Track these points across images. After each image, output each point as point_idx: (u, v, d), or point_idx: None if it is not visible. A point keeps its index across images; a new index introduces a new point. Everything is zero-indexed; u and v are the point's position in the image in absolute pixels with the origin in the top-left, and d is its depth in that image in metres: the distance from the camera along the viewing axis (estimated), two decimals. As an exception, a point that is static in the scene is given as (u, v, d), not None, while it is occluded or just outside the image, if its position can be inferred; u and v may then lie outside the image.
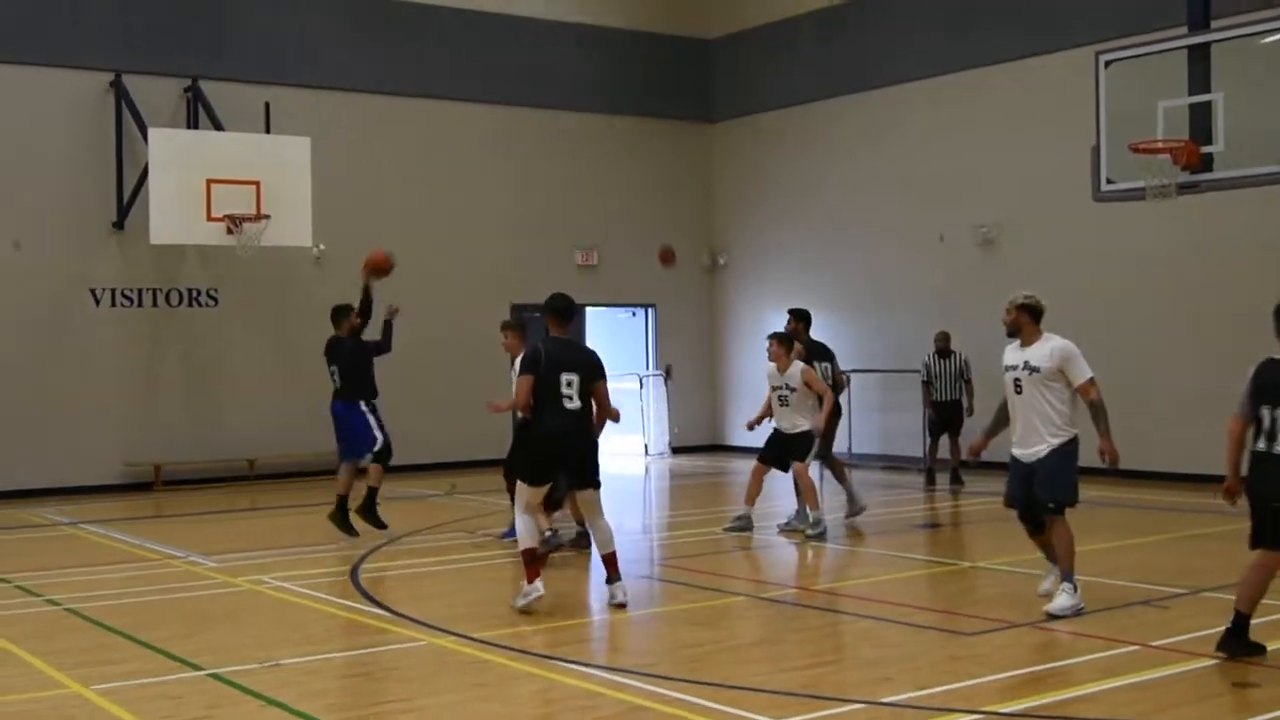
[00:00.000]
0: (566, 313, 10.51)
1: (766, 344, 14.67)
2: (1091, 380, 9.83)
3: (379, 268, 14.44)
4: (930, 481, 19.32)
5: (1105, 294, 19.54)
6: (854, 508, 15.36)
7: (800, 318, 15.60)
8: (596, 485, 10.37)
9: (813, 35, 24.30)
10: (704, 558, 13.02)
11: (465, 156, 23.66)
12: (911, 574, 12.21)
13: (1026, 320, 10.12)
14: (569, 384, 10.15)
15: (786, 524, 14.88)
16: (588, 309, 24.76)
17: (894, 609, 10.27)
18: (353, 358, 14.32)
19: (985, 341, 20.72)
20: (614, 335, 25.94)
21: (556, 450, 10.21)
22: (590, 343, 25.10)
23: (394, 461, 14.70)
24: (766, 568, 12.71)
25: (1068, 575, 9.84)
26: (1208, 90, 13.59)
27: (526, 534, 10.32)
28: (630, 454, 24.98)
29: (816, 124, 24.23)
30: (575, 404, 10.16)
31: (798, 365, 14.46)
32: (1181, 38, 14.15)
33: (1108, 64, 14.34)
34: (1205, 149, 13.43)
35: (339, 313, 14.68)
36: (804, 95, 24.46)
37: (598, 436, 10.49)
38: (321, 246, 21.54)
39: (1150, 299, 19.28)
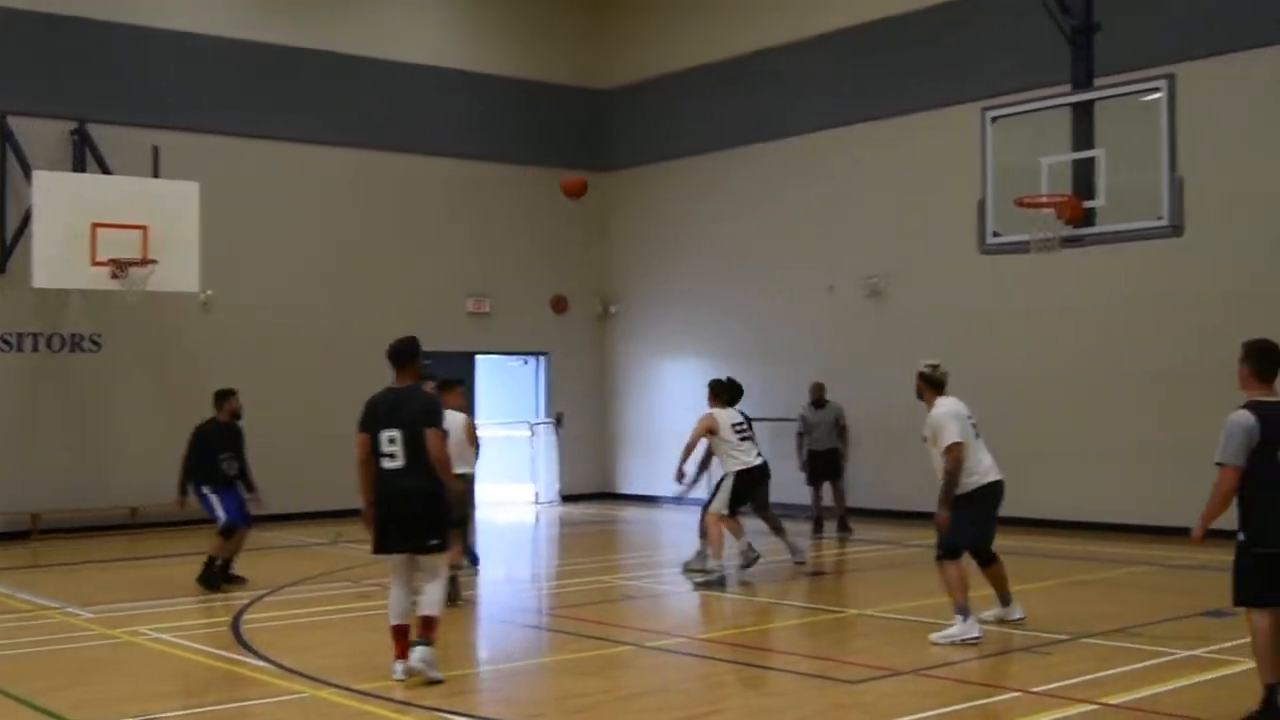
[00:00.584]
0: (398, 359, 9.68)
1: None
2: (948, 448, 10.76)
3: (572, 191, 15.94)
4: (817, 529, 19.44)
5: (991, 345, 19.83)
6: (796, 558, 15.48)
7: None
8: (430, 550, 9.52)
9: (708, 88, 24.50)
10: (593, 606, 12.96)
11: (358, 203, 23.50)
12: (798, 621, 12.25)
13: (923, 386, 11.18)
14: (391, 440, 9.42)
15: (689, 563, 15.34)
16: (478, 357, 24.67)
17: (781, 657, 10.27)
18: (193, 444, 14.68)
19: (873, 390, 21.03)
20: (505, 383, 25.82)
21: (385, 514, 9.50)
22: (481, 391, 25.36)
23: (279, 510, 14.61)
24: (655, 616, 12.67)
25: (955, 608, 10.72)
26: (1090, 147, 13.84)
27: (392, 607, 9.68)
28: (520, 502, 24.87)
29: (710, 175, 24.41)
30: (398, 462, 9.40)
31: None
32: (1065, 95, 14.43)
33: (994, 120, 14.56)
34: (1087, 204, 13.66)
35: (219, 396, 14.74)
36: (698, 147, 24.64)
37: (438, 492, 9.51)
38: (209, 292, 21.28)
39: (1035, 350, 19.59)
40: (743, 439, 15.02)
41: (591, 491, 25.91)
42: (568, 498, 25.40)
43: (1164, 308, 18.21)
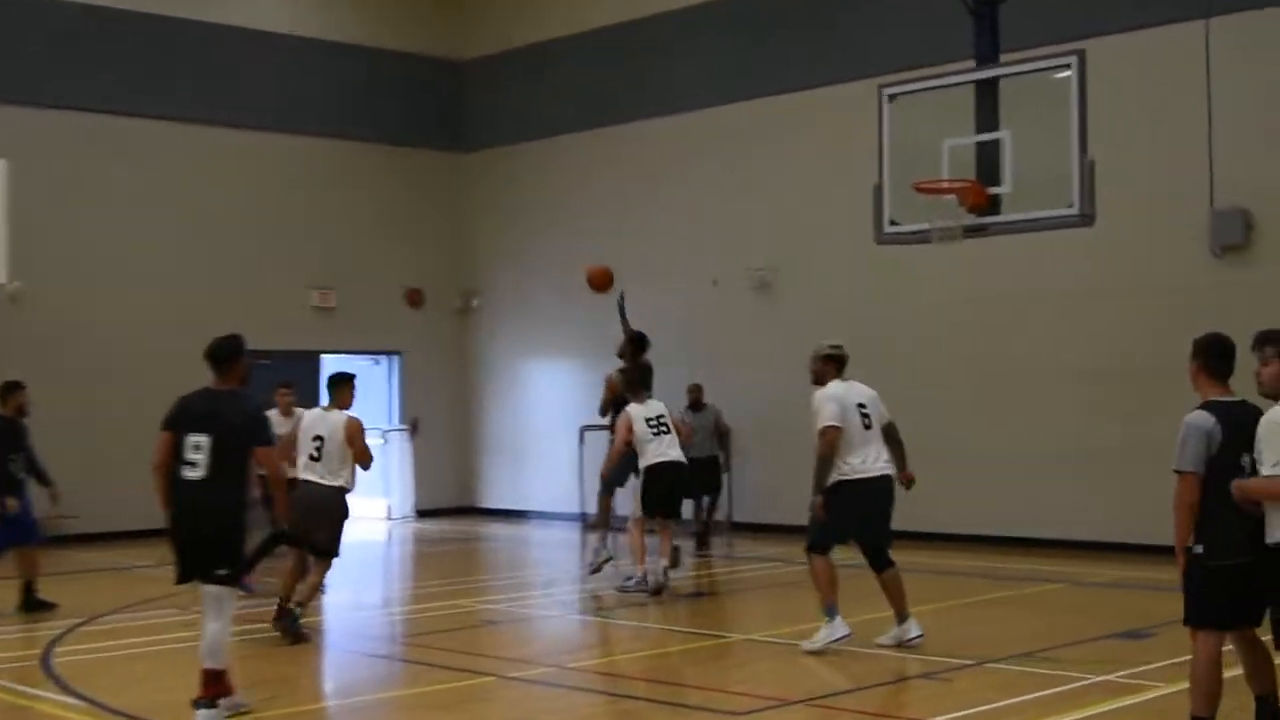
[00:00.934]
0: (217, 359, 9.45)
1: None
2: (820, 430, 11.34)
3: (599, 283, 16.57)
4: (702, 545, 19.53)
5: (888, 342, 19.97)
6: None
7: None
8: (218, 580, 9.04)
9: (580, 59, 24.49)
10: (450, 634, 12.86)
11: (186, 184, 23.12)
12: (679, 648, 12.25)
13: (827, 368, 11.76)
14: (196, 447, 9.02)
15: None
16: (324, 356, 24.40)
17: (660, 688, 10.27)
18: None
19: (759, 393, 21.14)
20: (359, 385, 25.56)
21: (184, 533, 9.14)
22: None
23: (102, 529, 14.32)
24: (519, 644, 12.61)
25: (823, 607, 11.33)
26: (995, 128, 13.93)
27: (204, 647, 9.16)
28: (371, 518, 24.65)
29: (583, 156, 24.39)
30: (199, 472, 9.00)
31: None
32: (968, 73, 14.52)
33: (892, 98, 14.62)
34: (992, 190, 13.77)
35: (4, 390, 14.46)
36: (570, 124, 24.61)
37: (238, 514, 9.15)
38: (17, 283, 20.78)
39: (936, 348, 19.80)
40: (656, 433, 15.28)
41: (451, 506, 25.76)
42: (424, 513, 25.22)
43: (1075, 302, 18.51)
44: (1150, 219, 17.88)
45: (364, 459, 12.65)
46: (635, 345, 16.40)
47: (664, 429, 15.31)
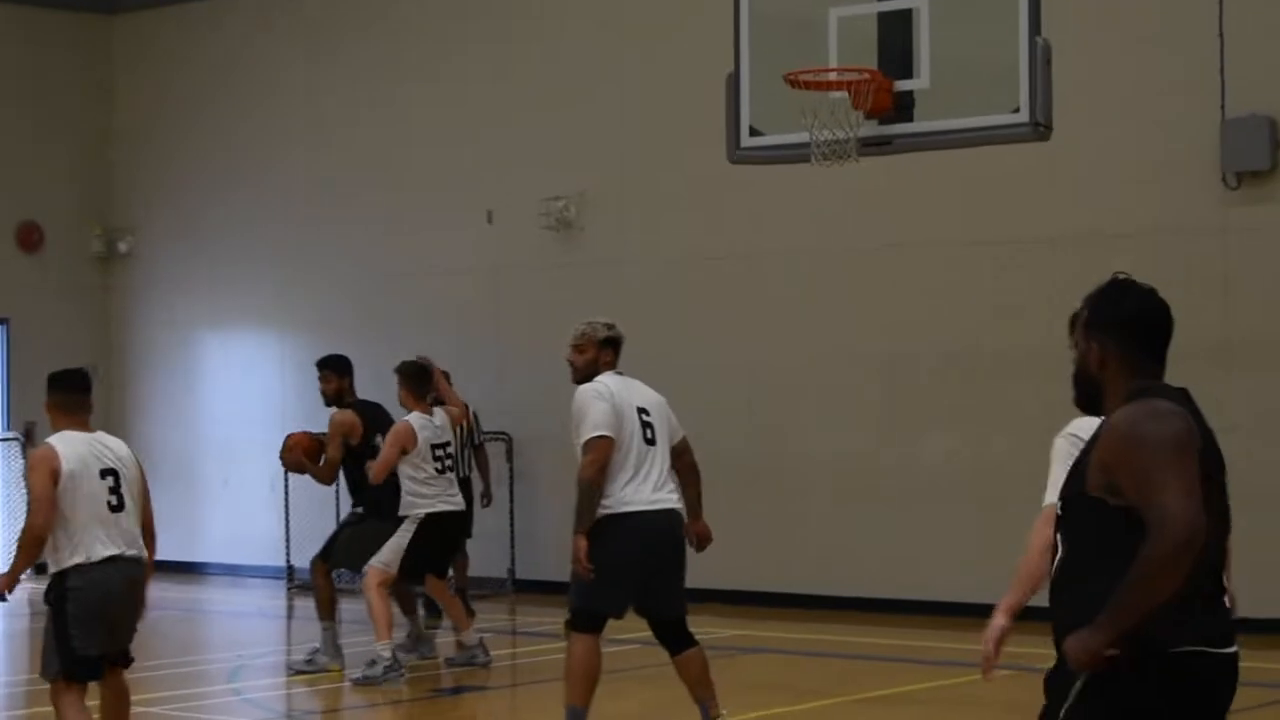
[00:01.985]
0: None
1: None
2: (585, 443, 11.66)
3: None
4: (432, 612, 18.89)
5: (741, 310, 20.11)
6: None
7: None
8: None
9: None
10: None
11: None
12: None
13: (600, 355, 12.18)
14: None
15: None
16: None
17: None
18: None
19: (553, 380, 21.02)
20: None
21: None
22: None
23: None
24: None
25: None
26: (907, -7, 14.13)
27: None
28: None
29: (286, 21, 24.36)
30: None
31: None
32: (868, -92, 14.68)
33: (756, -55, 14.74)
34: (902, 85, 13.93)
35: None
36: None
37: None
38: None
39: (813, 320, 19.92)
40: (442, 468, 15.87)
41: (84, 555, 25.45)
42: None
43: (1023, 256, 18.68)
44: (1134, 132, 18.18)
45: None
46: None
47: (449, 461, 16.02)
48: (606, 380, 11.87)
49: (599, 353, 12.06)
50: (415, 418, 15.81)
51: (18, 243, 25.40)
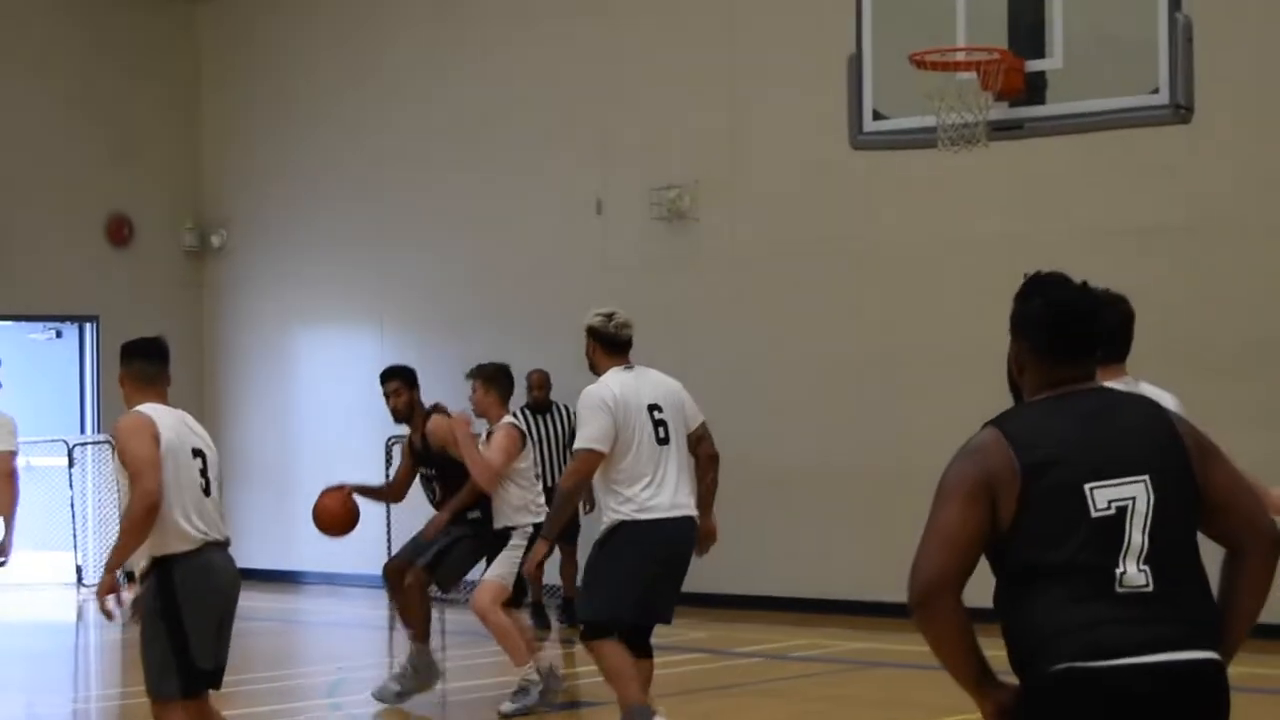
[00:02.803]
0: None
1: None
2: (575, 452, 12.14)
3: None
4: (539, 622, 19.43)
5: (867, 303, 20.06)
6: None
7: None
8: None
9: None
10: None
11: None
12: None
13: (592, 348, 12.53)
14: None
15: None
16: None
17: None
18: None
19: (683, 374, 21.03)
20: (25, 371, 25.33)
21: None
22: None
23: None
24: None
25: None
26: (1040, -31, 14.05)
27: None
28: (54, 584, 24.42)
29: (386, 7, 24.41)
30: None
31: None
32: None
33: (875, -81, 14.71)
34: (1034, 65, 13.86)
35: None
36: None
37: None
38: None
39: (946, 314, 19.82)
40: (538, 475, 15.86)
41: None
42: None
43: (1168, 244, 18.55)
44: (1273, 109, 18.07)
45: None
46: None
47: (537, 469, 16.10)
48: (612, 380, 12.12)
49: (590, 345, 12.46)
50: (514, 422, 15.74)
51: (107, 237, 25.56)
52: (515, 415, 16.24)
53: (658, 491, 11.84)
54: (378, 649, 20.36)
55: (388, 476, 22.49)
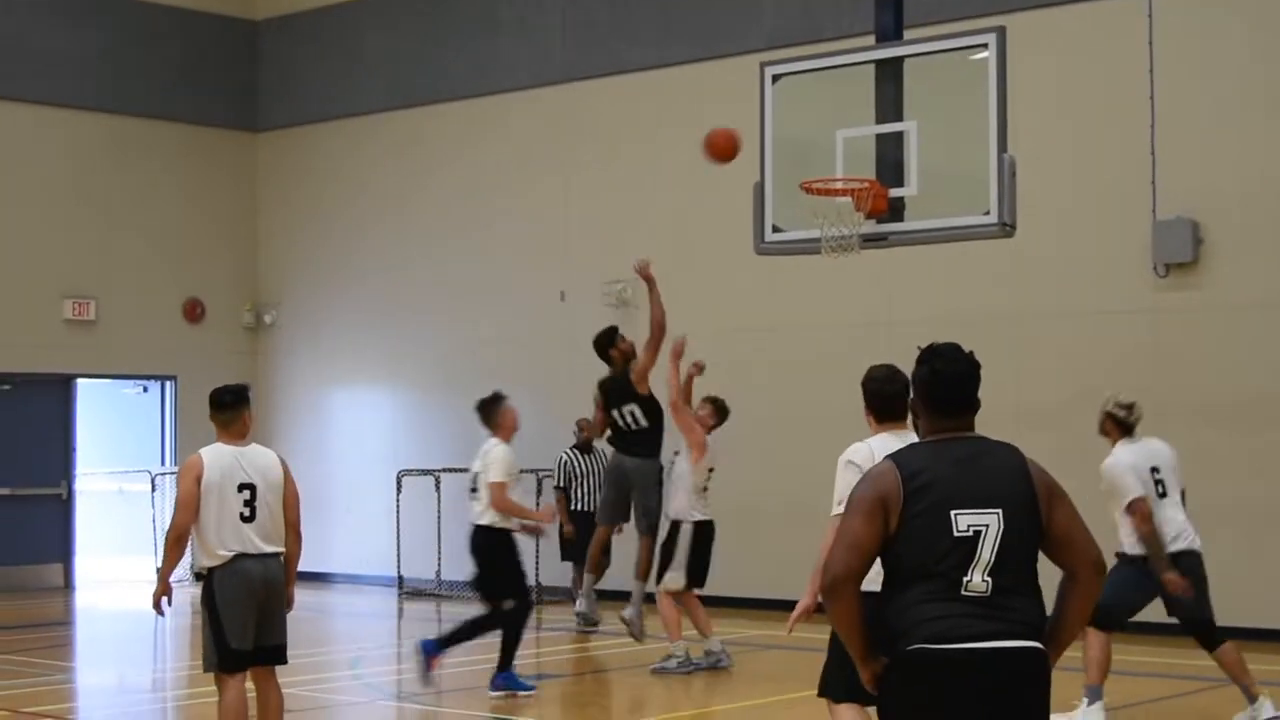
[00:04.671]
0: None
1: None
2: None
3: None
4: (588, 624, 18.15)
5: (770, 372, 20.19)
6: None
7: None
8: None
9: (398, 22, 24.52)
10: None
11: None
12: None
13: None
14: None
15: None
16: (79, 380, 24.20)
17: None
18: None
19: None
20: (119, 418, 25.38)
21: None
22: (86, 426, 24.86)
23: None
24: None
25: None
26: (899, 118, 14.10)
27: None
28: (137, 581, 24.36)
29: (399, 140, 24.37)
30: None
31: None
32: (867, 50, 14.66)
33: (776, 79, 14.76)
34: (895, 192, 13.94)
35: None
36: (384, 100, 24.62)
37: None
38: None
39: (825, 382, 19.85)
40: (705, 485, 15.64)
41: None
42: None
43: (993, 329, 18.52)
44: (1082, 230, 18.26)
45: None
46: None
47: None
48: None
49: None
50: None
51: (184, 315, 25.53)
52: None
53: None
54: (389, 632, 20.39)
55: (398, 505, 22.63)
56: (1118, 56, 18.10)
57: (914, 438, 7.88)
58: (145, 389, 25.53)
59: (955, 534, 5.89)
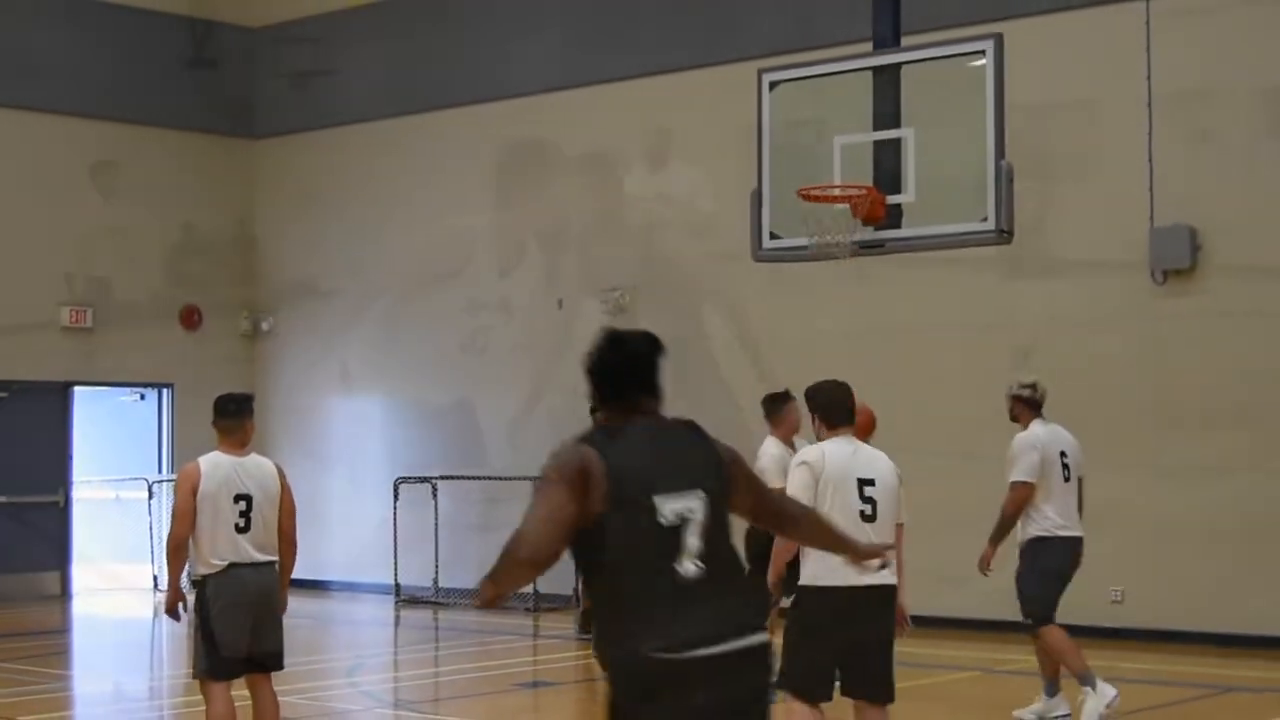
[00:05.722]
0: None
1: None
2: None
3: None
4: (586, 629, 18.15)
5: (776, 380, 20.17)
6: None
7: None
8: None
9: (392, 29, 24.49)
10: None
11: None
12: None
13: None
14: None
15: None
16: (76, 389, 24.19)
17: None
18: None
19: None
20: (116, 425, 25.35)
21: None
22: (83, 434, 24.79)
23: None
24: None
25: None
26: (896, 126, 14.11)
27: None
28: (134, 588, 24.39)
29: (395, 147, 24.36)
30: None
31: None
32: (865, 57, 14.66)
33: (773, 86, 14.75)
34: (892, 199, 13.94)
35: None
36: (379, 108, 24.59)
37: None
38: None
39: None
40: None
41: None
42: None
43: (989, 336, 18.70)
44: (1079, 237, 18.24)
45: None
46: None
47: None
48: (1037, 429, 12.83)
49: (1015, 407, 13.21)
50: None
51: (181, 323, 25.50)
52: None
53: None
54: (386, 640, 20.38)
55: (395, 511, 22.60)
56: (1115, 63, 18.10)
57: (859, 443, 8.46)
58: (142, 396, 25.51)
59: (663, 523, 5.84)
